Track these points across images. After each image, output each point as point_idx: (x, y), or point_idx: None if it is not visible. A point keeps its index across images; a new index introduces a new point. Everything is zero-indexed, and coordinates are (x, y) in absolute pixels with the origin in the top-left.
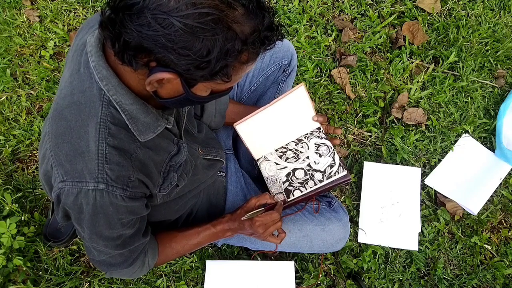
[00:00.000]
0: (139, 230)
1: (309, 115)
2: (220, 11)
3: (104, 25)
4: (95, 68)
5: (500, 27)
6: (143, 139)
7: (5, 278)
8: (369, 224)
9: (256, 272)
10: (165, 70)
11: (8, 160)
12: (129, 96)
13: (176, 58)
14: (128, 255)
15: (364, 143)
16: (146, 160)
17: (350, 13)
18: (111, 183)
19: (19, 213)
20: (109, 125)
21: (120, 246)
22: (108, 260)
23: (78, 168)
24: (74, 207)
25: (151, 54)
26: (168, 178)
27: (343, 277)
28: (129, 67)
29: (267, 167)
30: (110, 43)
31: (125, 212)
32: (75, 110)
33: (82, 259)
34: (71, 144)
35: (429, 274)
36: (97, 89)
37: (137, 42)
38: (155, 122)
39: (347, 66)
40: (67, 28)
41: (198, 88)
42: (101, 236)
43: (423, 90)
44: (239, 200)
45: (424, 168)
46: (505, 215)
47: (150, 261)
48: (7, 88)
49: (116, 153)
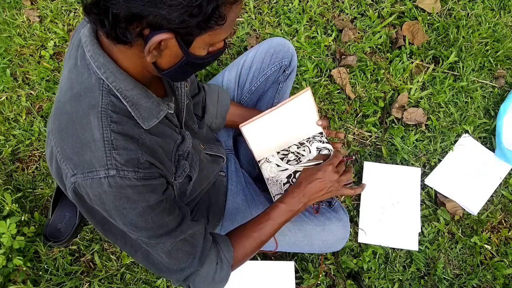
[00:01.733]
0: (184, 216)
1: (313, 119)
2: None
3: (88, 9)
4: (91, 57)
5: (500, 27)
6: (147, 126)
7: (5, 278)
8: (369, 224)
9: (256, 272)
10: (160, 32)
11: (8, 160)
12: (129, 81)
13: (167, 12)
14: (190, 250)
15: (364, 143)
16: (154, 146)
17: (350, 13)
18: (121, 168)
19: (19, 213)
20: (111, 113)
21: (167, 236)
22: (173, 264)
23: (86, 159)
24: (95, 198)
25: (142, 19)
26: (180, 165)
27: (343, 277)
28: (125, 44)
29: (268, 168)
30: (99, 24)
31: (145, 191)
32: (75, 102)
33: (82, 259)
34: (76, 136)
35: (429, 274)
36: (95, 79)
37: (126, 11)
38: (157, 107)
39: (347, 66)
40: (67, 28)
41: (196, 47)
42: (136, 226)
43: (423, 90)
44: (239, 200)
45: (424, 168)
46: (505, 215)
47: (226, 255)
48: (7, 88)
49: (122, 138)
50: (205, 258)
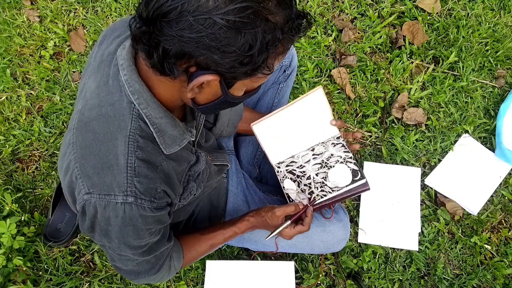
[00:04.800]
0: (164, 236)
1: (327, 120)
2: (257, 3)
3: (137, 38)
4: (127, 82)
5: (500, 27)
6: (168, 151)
7: (5, 278)
8: (369, 224)
9: (256, 272)
10: (207, 73)
11: (8, 160)
12: (160, 110)
13: (219, 57)
14: (155, 262)
15: (364, 143)
16: (170, 171)
17: (350, 13)
18: (140, 196)
19: (19, 213)
20: (138, 138)
21: (146, 253)
22: (135, 269)
23: (106, 181)
24: (102, 219)
25: (191, 58)
26: (188, 187)
27: (343, 277)
28: (168, 76)
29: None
30: (146, 55)
31: (153, 222)
32: (104, 122)
33: (82, 259)
34: (99, 157)
35: (429, 274)
36: (127, 102)
37: (177, 48)
38: (181, 135)
39: (347, 66)
40: (67, 28)
41: (236, 88)
42: (129, 245)
43: (423, 90)
44: (240, 201)
45: (424, 168)
46: (505, 215)
47: (176, 264)
48: (7, 88)
49: (145, 166)
50: (161, 268)
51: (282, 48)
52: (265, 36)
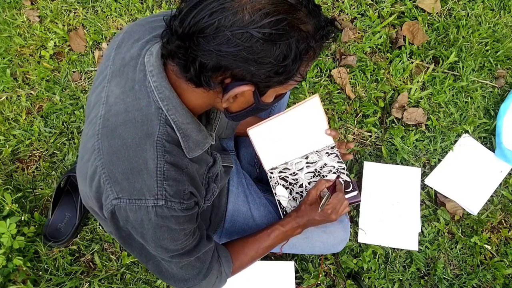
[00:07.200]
0: (202, 236)
1: (322, 128)
2: (291, 15)
3: (173, 54)
4: (156, 88)
5: (500, 27)
6: (191, 155)
7: (5, 278)
8: (369, 224)
9: (256, 272)
10: (243, 83)
11: (8, 160)
12: (188, 116)
13: (256, 68)
14: (200, 266)
15: (364, 143)
16: (194, 173)
17: (350, 13)
18: (170, 199)
19: (19, 213)
20: (164, 143)
21: (186, 254)
22: (182, 275)
23: (136, 186)
24: (135, 223)
25: (227, 70)
26: (210, 189)
27: (343, 277)
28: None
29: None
30: (183, 69)
31: (184, 222)
32: (131, 128)
33: (82, 259)
34: (128, 162)
35: (429, 274)
36: (155, 108)
37: (215, 62)
38: (205, 139)
39: (347, 66)
40: (67, 28)
41: (268, 96)
42: (166, 248)
43: (423, 90)
44: (240, 201)
45: (424, 168)
46: (505, 215)
47: (226, 270)
48: (7, 88)
49: (173, 169)
50: (209, 272)
51: (314, 55)
52: (298, 45)
